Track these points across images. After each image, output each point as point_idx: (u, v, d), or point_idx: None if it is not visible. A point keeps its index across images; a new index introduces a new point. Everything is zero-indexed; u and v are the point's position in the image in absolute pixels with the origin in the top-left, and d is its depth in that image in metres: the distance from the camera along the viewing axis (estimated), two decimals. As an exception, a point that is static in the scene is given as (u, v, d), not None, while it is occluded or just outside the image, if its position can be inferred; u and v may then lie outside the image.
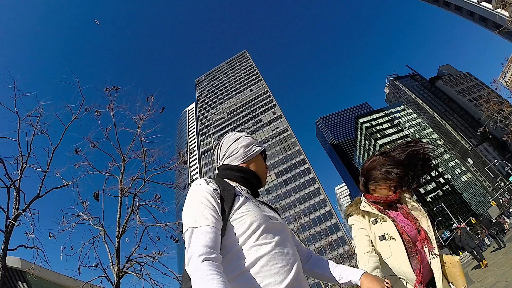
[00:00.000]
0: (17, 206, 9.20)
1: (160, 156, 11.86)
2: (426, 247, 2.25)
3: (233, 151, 1.78)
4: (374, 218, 2.38)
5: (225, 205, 1.43)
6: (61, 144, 10.85)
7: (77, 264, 9.36)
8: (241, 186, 1.69)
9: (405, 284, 2.19)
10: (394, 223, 2.32)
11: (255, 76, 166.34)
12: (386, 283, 1.59)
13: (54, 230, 10.02)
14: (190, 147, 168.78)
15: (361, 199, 2.62)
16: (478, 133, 35.01)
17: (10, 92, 10.60)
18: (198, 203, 1.39)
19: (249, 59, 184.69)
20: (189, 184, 10.59)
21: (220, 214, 1.39)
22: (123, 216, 10.08)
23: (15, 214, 8.94)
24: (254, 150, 1.80)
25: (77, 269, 9.35)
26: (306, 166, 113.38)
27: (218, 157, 1.87)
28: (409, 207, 2.51)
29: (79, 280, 11.12)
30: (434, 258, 2.24)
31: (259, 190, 1.71)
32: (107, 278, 9.13)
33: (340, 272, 1.73)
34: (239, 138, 1.83)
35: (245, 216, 1.42)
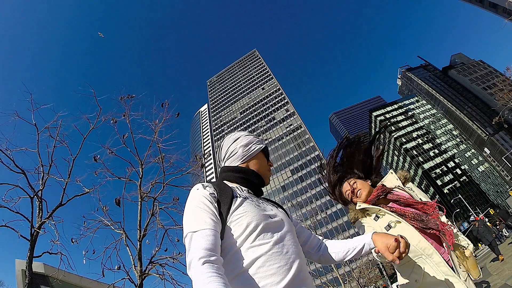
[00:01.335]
0: (40, 215, 9.53)
1: (177, 160, 12.11)
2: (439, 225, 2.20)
3: (232, 151, 1.78)
4: (374, 215, 2.40)
5: (222, 208, 1.43)
6: (80, 153, 11.19)
7: (100, 267, 9.69)
8: (241, 187, 1.67)
9: (423, 264, 2.12)
10: (393, 211, 2.30)
11: (266, 75, 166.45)
12: (400, 235, 1.57)
13: (77, 235, 10.35)
14: (205, 147, 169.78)
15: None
16: (493, 122, 34.66)
17: (27, 105, 10.97)
18: (196, 208, 1.40)
19: (259, 57, 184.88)
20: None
21: (218, 217, 1.39)
22: (143, 220, 10.34)
23: (39, 222, 9.27)
24: (253, 149, 1.79)
25: (101, 272, 9.67)
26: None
27: (219, 159, 1.88)
28: (407, 192, 2.51)
29: (102, 283, 11.38)
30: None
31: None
32: (130, 280, 9.37)
33: (352, 243, 1.76)
34: (238, 138, 1.82)
35: (242, 218, 1.41)
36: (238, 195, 1.52)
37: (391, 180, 2.65)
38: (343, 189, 2.66)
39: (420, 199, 2.43)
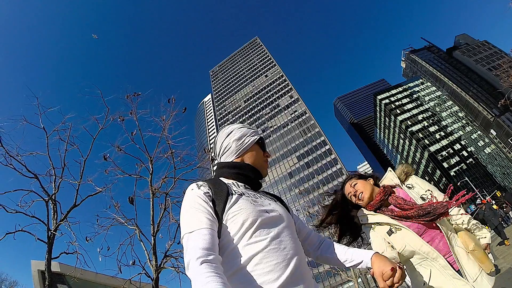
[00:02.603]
0: (55, 217, 9.77)
1: (187, 155, 12.26)
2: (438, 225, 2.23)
3: (226, 146, 1.74)
4: (376, 224, 2.40)
5: (217, 207, 1.41)
6: (90, 153, 11.36)
7: (115, 263, 9.94)
8: (238, 183, 1.65)
9: (429, 267, 2.15)
10: (392, 218, 2.32)
11: (268, 62, 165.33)
12: (399, 263, 1.55)
13: (91, 234, 10.59)
14: (210, 137, 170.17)
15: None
16: (499, 105, 34.60)
17: (34, 109, 11.12)
18: (191, 208, 1.39)
19: (261, 45, 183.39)
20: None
21: (214, 216, 1.38)
22: (156, 215, 10.52)
23: (55, 225, 9.51)
24: (247, 142, 1.74)
25: (118, 268, 9.88)
26: (327, 147, 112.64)
27: (215, 155, 1.85)
28: (406, 191, 2.48)
29: (118, 278, 11.62)
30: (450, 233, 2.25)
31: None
32: (147, 274, 9.59)
33: (351, 254, 1.71)
34: (231, 132, 1.77)
35: (237, 215, 1.39)
36: (233, 192, 1.50)
37: (391, 178, 2.66)
38: (345, 191, 2.64)
39: (421, 197, 2.38)
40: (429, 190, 2.44)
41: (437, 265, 2.10)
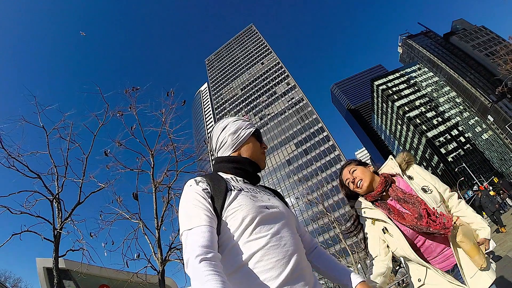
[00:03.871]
0: (60, 215, 9.84)
1: (188, 148, 12.32)
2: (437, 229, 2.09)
3: (222, 141, 1.73)
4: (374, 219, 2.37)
5: (216, 204, 1.40)
6: (92, 150, 11.40)
7: (120, 257, 10.06)
8: (236, 177, 1.64)
9: (425, 266, 2.14)
10: (388, 217, 2.27)
11: (264, 49, 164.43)
12: None
13: (95, 229, 10.68)
14: (208, 126, 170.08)
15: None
16: (496, 92, 34.62)
17: (32, 108, 11.11)
18: (190, 205, 1.38)
19: (256, 32, 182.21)
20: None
21: (213, 213, 1.36)
22: (159, 209, 10.60)
23: (60, 223, 9.59)
24: (243, 135, 1.74)
25: (123, 262, 9.98)
26: (325, 133, 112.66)
27: (212, 150, 1.85)
28: (407, 182, 2.39)
29: (123, 271, 11.73)
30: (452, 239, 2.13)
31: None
32: (153, 267, 9.71)
33: (339, 272, 1.70)
34: (226, 126, 1.76)
35: (237, 212, 1.38)
36: (232, 188, 1.49)
37: (391, 166, 2.57)
38: (342, 176, 2.56)
39: (422, 188, 2.30)
40: (431, 183, 2.37)
41: (431, 266, 2.09)
